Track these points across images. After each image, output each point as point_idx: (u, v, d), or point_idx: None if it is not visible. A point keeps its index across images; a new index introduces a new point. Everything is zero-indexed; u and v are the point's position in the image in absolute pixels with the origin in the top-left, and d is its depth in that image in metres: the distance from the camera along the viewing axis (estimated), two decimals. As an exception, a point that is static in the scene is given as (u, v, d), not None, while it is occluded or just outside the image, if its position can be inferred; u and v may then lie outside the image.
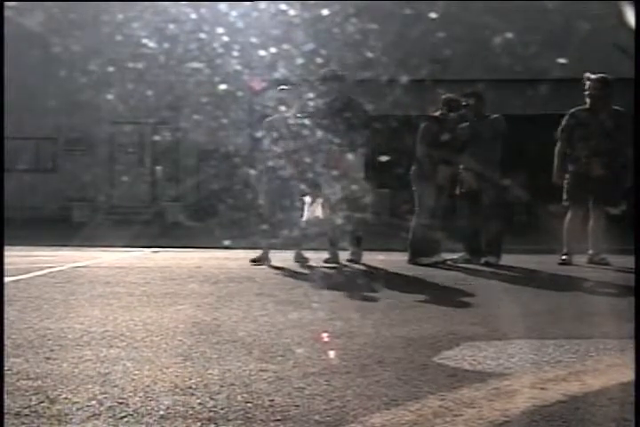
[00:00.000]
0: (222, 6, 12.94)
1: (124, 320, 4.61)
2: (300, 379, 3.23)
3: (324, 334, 4.08)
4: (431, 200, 7.84)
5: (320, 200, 7.73)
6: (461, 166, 7.96)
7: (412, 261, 7.80)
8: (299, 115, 7.78)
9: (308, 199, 7.78)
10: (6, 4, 3.76)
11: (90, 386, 3.12)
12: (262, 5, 12.60)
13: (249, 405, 2.88)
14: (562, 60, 11.31)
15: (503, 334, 4.24)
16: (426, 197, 7.86)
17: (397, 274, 7.11)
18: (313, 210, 7.73)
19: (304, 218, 7.73)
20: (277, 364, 3.51)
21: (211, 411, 2.81)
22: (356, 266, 7.62)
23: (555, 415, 2.76)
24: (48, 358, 3.59)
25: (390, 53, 13.31)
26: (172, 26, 13.89)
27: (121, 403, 2.89)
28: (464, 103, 7.99)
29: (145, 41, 13.24)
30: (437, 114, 7.99)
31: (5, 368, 3.27)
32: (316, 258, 7.74)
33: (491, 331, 4.30)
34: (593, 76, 7.81)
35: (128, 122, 17.64)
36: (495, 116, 8.03)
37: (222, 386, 3.13)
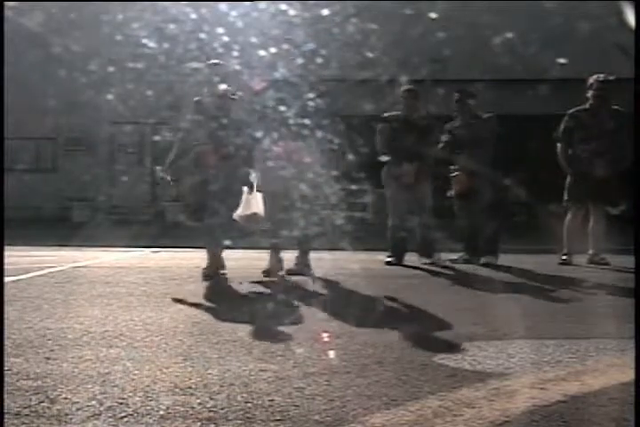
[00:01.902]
0: (222, 6, 12.93)
1: (124, 320, 4.61)
2: (300, 379, 3.23)
3: (324, 334, 4.07)
4: (399, 200, 7.86)
5: (259, 194, 6.65)
6: (456, 167, 7.99)
7: (388, 262, 7.81)
8: (234, 95, 6.73)
9: (246, 192, 6.69)
10: (6, 3, 3.76)
11: (90, 386, 3.12)
12: (262, 5, 12.59)
13: (249, 405, 2.88)
14: (562, 60, 11.31)
15: (503, 334, 4.23)
16: (393, 198, 7.92)
17: (397, 274, 7.12)
18: (248, 205, 6.63)
19: (235, 214, 6.60)
20: (277, 364, 3.51)
21: (211, 411, 2.81)
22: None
23: (555, 415, 2.76)
24: (48, 358, 3.59)
25: (390, 53, 13.31)
26: (172, 26, 13.88)
27: (121, 403, 2.89)
28: (455, 98, 8.00)
29: (145, 41, 13.23)
30: (395, 113, 8.01)
31: (5, 368, 3.27)
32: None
33: (491, 331, 4.30)
34: (596, 77, 7.82)
35: (128, 122, 17.63)
36: (489, 115, 8.04)
37: (222, 386, 3.13)
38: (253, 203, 6.63)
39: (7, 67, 10.50)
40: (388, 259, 7.82)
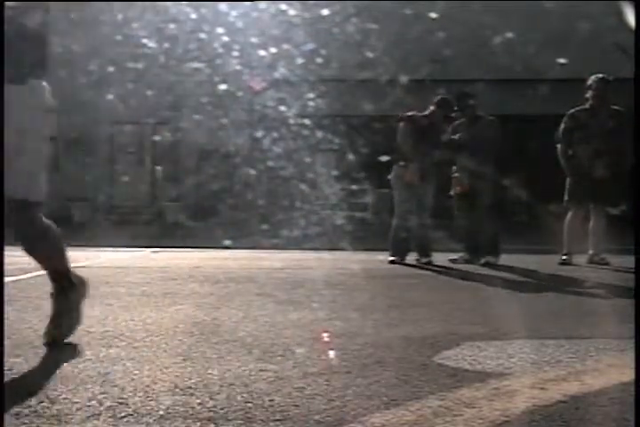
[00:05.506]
0: (222, 6, 12.93)
1: (124, 320, 4.60)
2: (300, 379, 3.23)
3: (324, 334, 4.07)
4: (406, 200, 7.91)
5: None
6: (457, 167, 8.01)
7: (392, 261, 7.83)
8: None
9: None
10: (6, 3, 3.74)
11: (90, 386, 3.11)
12: (262, 5, 12.59)
13: (249, 405, 2.88)
14: (562, 60, 11.33)
15: (503, 334, 4.23)
16: (400, 198, 7.96)
17: (397, 274, 7.12)
18: None
19: None
20: (277, 364, 3.51)
21: (211, 411, 2.81)
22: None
23: (555, 415, 2.76)
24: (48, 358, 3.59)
25: (390, 53, 13.32)
26: (172, 26, 13.88)
27: (121, 403, 2.88)
28: (458, 98, 8.04)
29: (145, 41, 13.23)
30: (411, 114, 8.05)
31: (5, 368, 3.26)
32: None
33: (491, 331, 4.30)
34: (595, 77, 7.84)
35: (128, 122, 17.64)
36: (490, 117, 8.07)
37: (222, 386, 3.12)
38: None
39: (7, 67, 10.51)
40: (391, 258, 7.84)
